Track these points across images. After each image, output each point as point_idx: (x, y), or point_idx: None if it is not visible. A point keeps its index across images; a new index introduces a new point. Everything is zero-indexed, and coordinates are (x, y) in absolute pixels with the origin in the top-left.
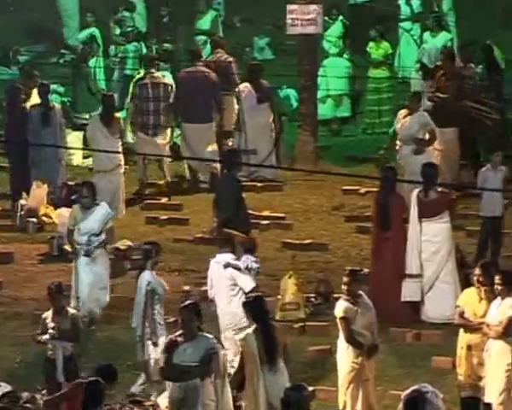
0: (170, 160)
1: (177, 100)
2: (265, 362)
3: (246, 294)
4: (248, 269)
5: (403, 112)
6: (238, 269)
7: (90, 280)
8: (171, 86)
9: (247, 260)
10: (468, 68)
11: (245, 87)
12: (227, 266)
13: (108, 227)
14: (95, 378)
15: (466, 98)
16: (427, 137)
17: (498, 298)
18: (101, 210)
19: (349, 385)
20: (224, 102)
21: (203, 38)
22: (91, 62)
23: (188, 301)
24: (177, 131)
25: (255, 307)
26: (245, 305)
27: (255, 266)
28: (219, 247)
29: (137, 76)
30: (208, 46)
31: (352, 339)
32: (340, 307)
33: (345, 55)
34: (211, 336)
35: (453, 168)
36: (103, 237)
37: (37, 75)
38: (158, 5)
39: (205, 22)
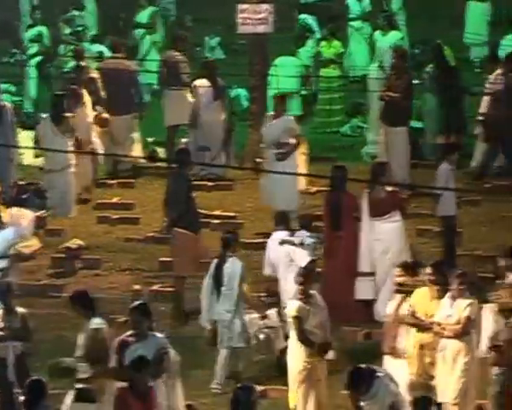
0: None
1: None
2: None
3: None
4: (303, 244)
5: (269, 115)
6: (293, 245)
7: None
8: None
9: (302, 235)
10: None
11: (202, 83)
12: (282, 243)
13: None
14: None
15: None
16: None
17: (447, 297)
18: (4, 234)
19: (300, 385)
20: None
21: (141, 31)
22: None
23: (137, 302)
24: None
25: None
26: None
27: (310, 241)
28: (275, 225)
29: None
30: (147, 40)
31: (304, 338)
32: (293, 306)
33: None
34: (161, 335)
35: (403, 167)
36: (5, 264)
37: None
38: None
39: (143, 16)
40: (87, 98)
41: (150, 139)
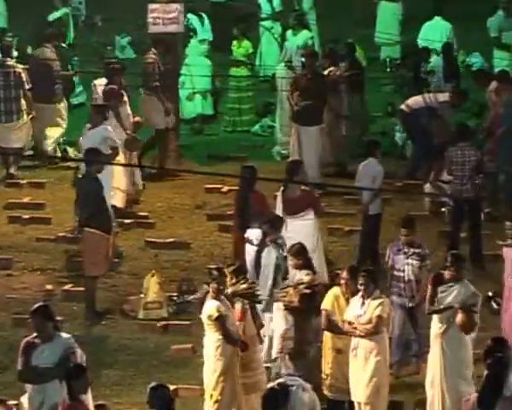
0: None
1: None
2: None
3: None
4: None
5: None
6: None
7: None
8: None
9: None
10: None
11: (101, 82)
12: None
13: None
14: None
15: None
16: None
17: (358, 296)
18: None
19: (225, 384)
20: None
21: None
22: None
23: (36, 305)
24: None
25: None
26: None
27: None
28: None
29: None
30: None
31: (230, 336)
32: (213, 306)
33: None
34: (68, 335)
35: (314, 166)
36: None
37: None
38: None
39: (53, 17)
40: None
41: (61, 139)
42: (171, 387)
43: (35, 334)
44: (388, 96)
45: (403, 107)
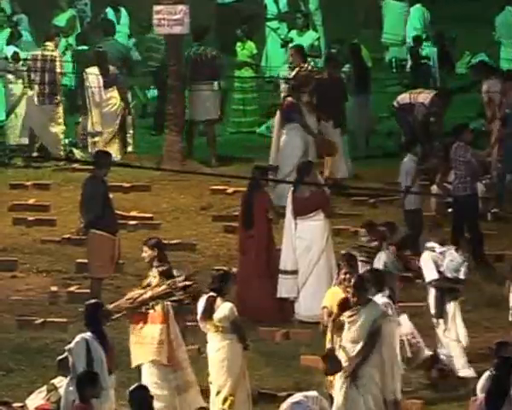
0: None
1: None
2: None
3: None
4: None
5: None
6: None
7: None
8: None
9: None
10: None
11: (92, 71)
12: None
13: None
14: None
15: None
16: None
17: None
18: None
19: (239, 383)
20: None
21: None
22: None
23: None
24: None
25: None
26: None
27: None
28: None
29: None
30: (63, 43)
31: (244, 337)
32: (228, 307)
33: None
34: None
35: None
36: None
37: None
38: None
39: (61, 20)
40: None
41: (67, 140)
42: None
43: None
44: (394, 97)
45: (394, 103)
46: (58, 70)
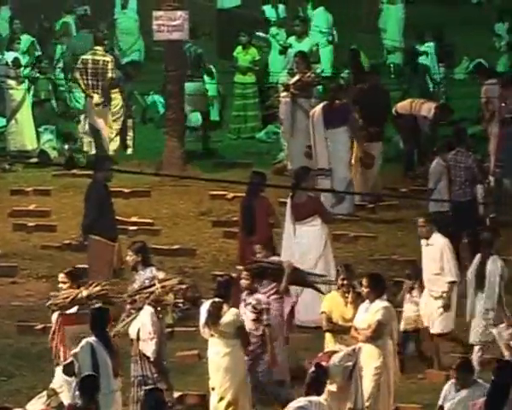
0: None
1: None
2: None
3: None
4: None
5: None
6: None
7: None
8: None
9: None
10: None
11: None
12: None
13: None
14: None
15: None
16: None
17: (366, 301)
18: None
19: (242, 388)
20: None
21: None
22: None
23: None
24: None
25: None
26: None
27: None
28: None
29: None
30: (58, 49)
31: (249, 343)
32: (235, 313)
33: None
34: None
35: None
36: None
37: None
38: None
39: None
40: None
41: (66, 146)
42: (177, 393)
43: None
44: (393, 103)
45: (393, 110)
46: (109, 75)
